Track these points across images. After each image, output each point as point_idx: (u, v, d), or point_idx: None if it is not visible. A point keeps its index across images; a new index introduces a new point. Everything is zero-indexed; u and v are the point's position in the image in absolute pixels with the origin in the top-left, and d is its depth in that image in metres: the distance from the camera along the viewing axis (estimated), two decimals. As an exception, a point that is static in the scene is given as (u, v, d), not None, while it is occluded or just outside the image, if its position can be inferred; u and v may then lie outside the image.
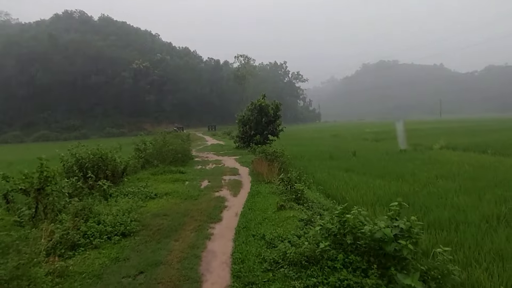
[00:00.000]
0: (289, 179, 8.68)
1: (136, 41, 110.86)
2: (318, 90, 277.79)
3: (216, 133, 59.21)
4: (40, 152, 8.97)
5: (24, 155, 35.81)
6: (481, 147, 23.48)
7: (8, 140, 72.25)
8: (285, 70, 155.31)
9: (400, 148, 25.34)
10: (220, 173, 13.25)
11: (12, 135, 74.59)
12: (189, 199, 8.87)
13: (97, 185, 8.04)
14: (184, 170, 13.63)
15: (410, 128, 57.66)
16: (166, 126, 78.76)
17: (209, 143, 34.93)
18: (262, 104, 24.76)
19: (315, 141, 37.31)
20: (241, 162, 17.18)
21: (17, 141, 72.69)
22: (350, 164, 19.20)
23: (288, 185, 8.70)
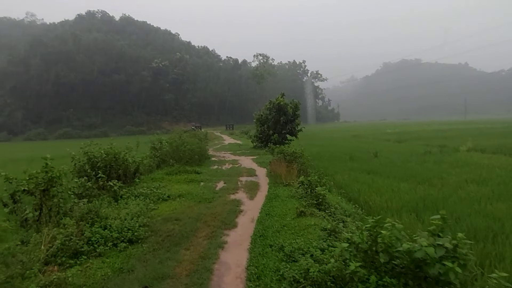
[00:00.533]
0: (310, 183, 8.07)
1: (156, 40, 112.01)
2: (338, 89, 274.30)
3: (234, 132, 58.95)
4: (60, 149, 8.76)
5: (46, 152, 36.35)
6: (502, 150, 22.23)
7: (32, 137, 74.09)
8: (304, 69, 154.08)
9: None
10: (236, 174, 12.78)
11: (36, 132, 76.36)
12: (203, 201, 8.42)
13: (107, 185, 7.69)
14: (200, 170, 13.23)
15: (434, 129, 56.05)
16: (184, 125, 79.03)
17: (226, 143, 34.60)
18: (280, 103, 24.13)
19: (335, 142, 36.46)
20: (258, 162, 16.67)
21: (41, 138, 74.37)
22: (372, 166, 18.42)
23: (308, 188, 8.11)
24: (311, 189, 7.98)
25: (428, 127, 63.09)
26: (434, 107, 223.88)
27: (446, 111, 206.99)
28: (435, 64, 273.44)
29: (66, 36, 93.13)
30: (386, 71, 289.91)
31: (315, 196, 7.58)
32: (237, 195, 9.27)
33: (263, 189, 10.00)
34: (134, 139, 15.92)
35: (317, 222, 6.21)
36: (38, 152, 35.06)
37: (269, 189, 9.93)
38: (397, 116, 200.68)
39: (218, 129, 74.65)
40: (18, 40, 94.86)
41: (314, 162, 18.17)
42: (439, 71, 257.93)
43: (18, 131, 76.87)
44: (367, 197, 11.41)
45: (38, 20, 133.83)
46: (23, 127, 78.59)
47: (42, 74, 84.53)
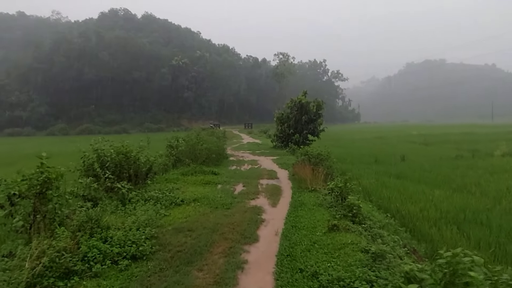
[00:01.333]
0: (341, 190, 7.10)
1: (176, 38, 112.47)
2: (358, 89, 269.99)
3: (252, 131, 58.12)
4: (78, 145, 8.14)
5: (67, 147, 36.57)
6: None
7: (55, 132, 75.47)
8: (324, 68, 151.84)
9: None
10: (256, 176, 11.88)
11: (58, 128, 77.69)
12: (220, 208, 7.54)
13: (116, 187, 6.94)
14: (217, 170, 12.39)
15: (461, 131, 53.66)
16: (203, 123, 78.93)
17: (245, 141, 33.77)
18: (302, 102, 23.07)
19: (357, 143, 35.24)
20: (279, 163, 15.72)
21: (63, 133, 75.64)
22: (400, 169, 17.28)
23: (339, 197, 7.15)
24: (342, 198, 7.02)
25: (454, 130, 60.61)
26: (458, 109, 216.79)
27: (471, 113, 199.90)
28: (460, 65, 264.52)
29: (89, 34, 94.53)
30: (409, 72, 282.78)
31: (348, 207, 6.60)
32: (257, 200, 8.36)
33: (286, 195, 9.06)
34: (152, 137, 15.35)
35: (354, 239, 5.23)
36: (58, 147, 35.31)
37: (293, 194, 8.98)
38: (420, 118, 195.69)
39: (237, 127, 74.01)
40: (44, 37, 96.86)
41: (337, 165, 17.15)
42: (464, 72, 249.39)
43: (42, 126, 78.39)
44: (399, 205, 10.38)
45: (63, 18, 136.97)
46: (46, 122, 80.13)
47: (66, 70, 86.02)
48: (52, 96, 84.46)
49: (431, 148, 29.57)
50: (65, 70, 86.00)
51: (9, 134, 71.02)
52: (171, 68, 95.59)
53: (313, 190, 9.08)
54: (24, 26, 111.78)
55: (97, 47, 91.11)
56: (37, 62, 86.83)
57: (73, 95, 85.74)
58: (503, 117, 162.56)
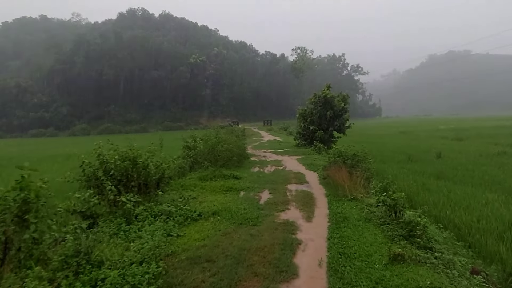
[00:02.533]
0: (395, 202, 5.68)
1: (194, 36, 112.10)
2: (378, 83, 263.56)
3: (272, 128, 56.61)
4: (71, 148, 7.03)
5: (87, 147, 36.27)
6: None
7: (76, 132, 76.48)
8: (343, 62, 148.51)
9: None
10: (283, 180, 10.53)
11: (80, 128, 78.69)
12: (245, 223, 6.23)
13: (120, 201, 5.77)
14: (239, 174, 11.09)
15: (493, 125, 50.66)
16: (221, 120, 78.12)
17: (265, 139, 32.40)
18: (327, 96, 21.49)
19: (383, 139, 33.37)
20: (306, 164, 14.30)
21: (84, 133, 76.57)
22: (438, 168, 15.55)
23: (392, 210, 5.74)
24: (397, 211, 5.62)
25: (485, 123, 57.51)
26: (485, 102, 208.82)
27: (499, 105, 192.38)
28: (486, 56, 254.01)
29: (108, 34, 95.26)
30: (432, 64, 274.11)
31: (406, 224, 5.20)
32: (288, 213, 7.00)
33: (321, 204, 7.66)
34: (171, 135, 14.31)
35: (433, 279, 3.83)
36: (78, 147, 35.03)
37: (329, 204, 7.56)
38: (444, 111, 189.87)
39: (256, 124, 72.65)
40: (65, 39, 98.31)
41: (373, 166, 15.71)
42: (491, 63, 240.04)
43: (64, 127, 79.66)
44: (450, 212, 8.83)
45: (83, 20, 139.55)
46: (68, 122, 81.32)
47: (86, 71, 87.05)
48: (73, 97, 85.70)
49: (465, 144, 27.48)
50: (85, 71, 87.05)
51: (33, 135, 72.47)
52: (189, 66, 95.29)
53: (353, 199, 7.67)
54: (46, 29, 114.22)
55: (116, 47, 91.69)
56: (59, 63, 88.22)
57: (93, 95, 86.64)
58: None
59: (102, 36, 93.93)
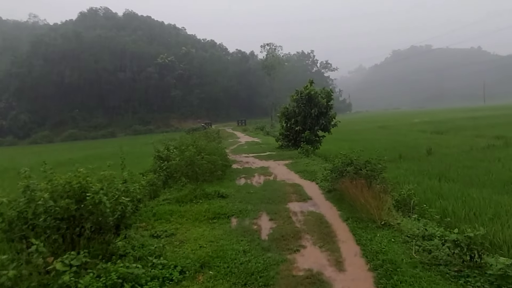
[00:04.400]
0: (470, 240, 3.88)
1: (160, 35, 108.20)
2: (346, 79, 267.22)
3: (247, 128, 54.61)
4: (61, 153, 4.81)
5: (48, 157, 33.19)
6: None
7: (38, 140, 71.86)
8: (313, 59, 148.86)
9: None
10: (279, 195, 8.59)
11: (41, 135, 73.96)
12: (250, 283, 4.16)
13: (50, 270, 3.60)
14: (224, 191, 8.93)
15: (465, 116, 51.17)
16: (193, 122, 75.66)
17: (242, 141, 30.35)
18: (311, 93, 19.78)
19: (364, 135, 32.39)
20: (298, 171, 12.44)
21: (47, 141, 72.17)
22: (436, 167, 14.23)
23: (466, 252, 3.96)
24: (475, 255, 3.87)
25: (456, 115, 58.36)
26: (447, 94, 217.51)
27: (461, 97, 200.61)
28: (446, 50, 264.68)
29: (69, 35, 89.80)
30: (396, 59, 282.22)
31: (497, 277, 3.44)
32: (306, 254, 4.99)
33: (344, 234, 5.69)
34: (140, 140, 12.21)
35: None
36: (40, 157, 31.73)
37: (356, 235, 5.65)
38: (410, 104, 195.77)
39: (229, 125, 70.49)
40: (22, 41, 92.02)
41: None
42: (451, 57, 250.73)
43: (24, 135, 74.45)
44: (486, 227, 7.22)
45: (41, 21, 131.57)
46: (28, 130, 76.25)
47: (46, 74, 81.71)
48: (33, 103, 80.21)
49: (448, 137, 26.81)
50: (45, 75, 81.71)
51: (-11, 145, 66.97)
52: (157, 66, 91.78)
53: (385, 225, 5.86)
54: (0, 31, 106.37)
55: (78, 48, 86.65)
56: (15, 67, 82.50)
57: (55, 100, 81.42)
58: (493, 99, 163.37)
59: (62, 37, 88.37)
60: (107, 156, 32.04)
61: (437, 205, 8.65)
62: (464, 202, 9.00)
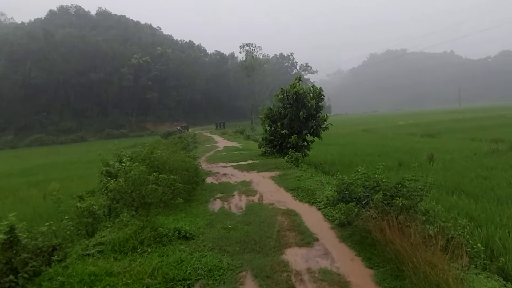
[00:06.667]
0: None
1: (135, 35, 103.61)
2: (325, 82, 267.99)
3: (226, 131, 51.60)
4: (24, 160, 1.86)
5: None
6: None
7: (1, 145, 66.43)
8: (292, 61, 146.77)
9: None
10: (270, 234, 5.75)
11: (4, 141, 68.79)
12: None
13: None
14: (187, 227, 6.02)
15: (450, 118, 50.26)
16: (170, 125, 72.22)
17: (220, 146, 27.44)
18: (299, 92, 17.18)
19: (350, 138, 30.46)
20: (289, 188, 9.73)
21: (10, 146, 67.44)
22: (445, 177, 11.90)
23: None
24: None
25: (438, 117, 57.77)
26: (423, 96, 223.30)
27: (436, 99, 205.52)
28: (420, 54, 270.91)
29: (37, 34, 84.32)
30: (373, 63, 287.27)
31: None
32: None
33: None
34: (110, 144, 9.45)
35: None
36: None
37: None
38: (387, 107, 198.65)
39: (207, 128, 67.43)
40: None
41: (345, 169, 12.02)
42: (425, 60, 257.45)
43: (-15, 141, 68.68)
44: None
45: (8, 20, 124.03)
46: (-10, 135, 70.40)
47: (10, 75, 75.97)
48: (-5, 106, 74.26)
49: (442, 141, 24.98)
50: (9, 75, 76.07)
51: None
52: (131, 67, 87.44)
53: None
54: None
55: (47, 47, 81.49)
56: (-24, 68, 76.31)
57: (20, 102, 75.76)
58: (468, 102, 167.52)
59: (28, 36, 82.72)
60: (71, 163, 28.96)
61: (475, 235, 6.24)
62: (505, 227, 6.77)
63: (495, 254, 5.63)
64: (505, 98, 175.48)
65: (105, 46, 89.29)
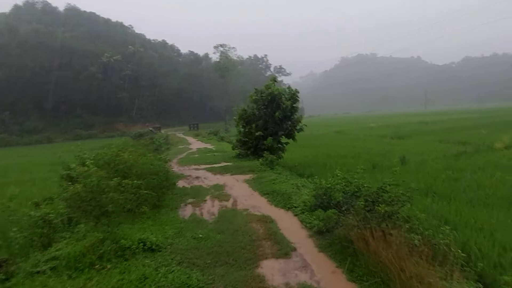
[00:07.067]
0: None
1: (105, 33, 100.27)
2: (298, 85, 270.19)
3: (200, 133, 50.71)
4: None
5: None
6: None
7: (-43, 148, 62.15)
8: (266, 63, 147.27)
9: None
10: (244, 244, 5.29)
11: (-38, 142, 64.45)
12: None
13: None
14: (154, 238, 5.44)
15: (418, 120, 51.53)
16: (142, 126, 70.31)
17: (194, 148, 26.75)
18: (274, 92, 16.85)
19: (323, 140, 30.52)
20: (264, 192, 9.34)
21: (-31, 148, 62.86)
22: (418, 179, 11.97)
23: None
24: None
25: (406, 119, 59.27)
26: (391, 99, 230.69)
27: (404, 102, 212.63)
28: (389, 58, 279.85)
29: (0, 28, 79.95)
30: (344, 66, 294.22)
31: None
32: None
33: None
34: (83, 146, 8.67)
35: None
36: None
37: None
38: (358, 109, 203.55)
39: (181, 129, 66.18)
40: None
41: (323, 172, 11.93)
42: (394, 65, 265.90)
43: None
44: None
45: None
46: None
47: (-32, 73, 71.58)
48: (-48, 105, 69.73)
49: (411, 142, 25.33)
50: (-33, 72, 71.58)
51: None
52: (101, 65, 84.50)
53: None
54: None
55: (10, 43, 77.28)
56: None
57: (-21, 101, 71.41)
58: (433, 104, 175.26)
59: (-11, 31, 78.47)
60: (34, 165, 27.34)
61: (451, 238, 6.07)
62: (479, 230, 6.72)
63: (472, 259, 5.49)
64: (467, 101, 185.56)
65: (74, 43, 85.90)
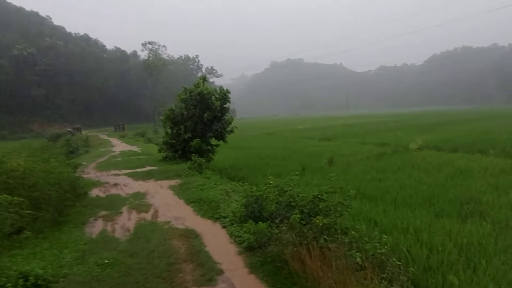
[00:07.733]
0: None
1: (18, 23, 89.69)
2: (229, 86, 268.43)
3: (126, 134, 47.53)
4: None
5: None
6: (457, 146, 18.70)
7: None
8: (198, 64, 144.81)
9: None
10: (159, 270, 4.39)
11: None
12: None
13: None
14: (44, 265, 4.25)
15: (341, 123, 54.18)
16: (60, 126, 64.24)
17: (117, 151, 24.61)
18: (204, 92, 15.91)
19: (254, 142, 30.30)
20: (190, 200, 8.39)
21: None
22: (346, 180, 11.96)
23: None
24: None
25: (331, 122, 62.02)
26: (317, 103, 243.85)
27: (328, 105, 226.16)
28: (314, 64, 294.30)
29: None
30: (274, 69, 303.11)
31: None
32: None
33: None
34: None
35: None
36: None
37: None
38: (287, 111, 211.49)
39: (105, 130, 61.55)
40: None
41: (248, 174, 11.49)
42: (319, 70, 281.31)
43: None
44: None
45: None
46: None
47: None
48: None
49: (337, 144, 25.98)
50: None
51: None
52: (12, 59, 75.37)
53: None
54: None
55: None
56: None
57: None
58: (354, 108, 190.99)
59: None
60: None
61: (382, 243, 5.85)
62: (406, 231, 6.63)
63: (403, 262, 5.24)
64: (382, 106, 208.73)
65: (-23, 32, 75.64)
